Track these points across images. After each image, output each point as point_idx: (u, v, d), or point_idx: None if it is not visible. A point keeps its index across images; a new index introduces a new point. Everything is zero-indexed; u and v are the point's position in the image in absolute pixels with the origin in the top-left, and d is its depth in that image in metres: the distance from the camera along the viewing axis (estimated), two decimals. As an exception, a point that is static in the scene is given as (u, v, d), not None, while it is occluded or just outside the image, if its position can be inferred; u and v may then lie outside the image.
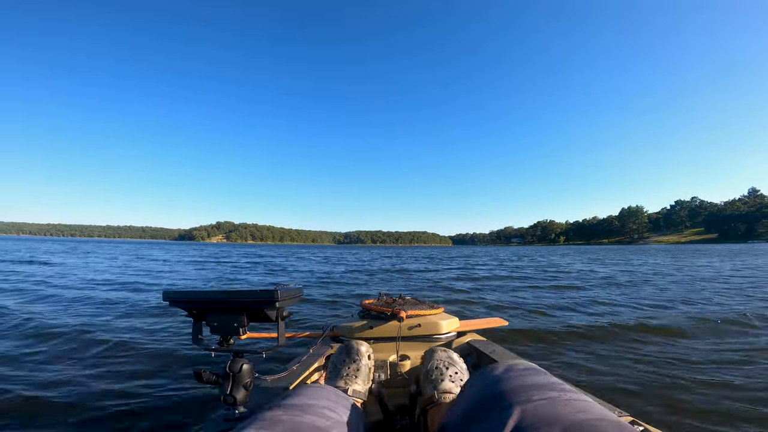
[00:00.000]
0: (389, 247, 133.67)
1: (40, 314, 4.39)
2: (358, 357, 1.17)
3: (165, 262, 15.67)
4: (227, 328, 0.99)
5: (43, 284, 7.15)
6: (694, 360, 2.78)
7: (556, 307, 5.16)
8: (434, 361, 1.09)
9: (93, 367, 2.69)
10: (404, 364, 1.53)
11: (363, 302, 1.95)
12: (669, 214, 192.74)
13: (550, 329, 3.74)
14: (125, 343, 3.27)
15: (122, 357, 2.96)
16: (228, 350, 1.01)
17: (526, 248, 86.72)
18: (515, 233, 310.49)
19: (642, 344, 3.27)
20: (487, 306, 5.49)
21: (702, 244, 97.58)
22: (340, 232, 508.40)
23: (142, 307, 4.99)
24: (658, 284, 7.73)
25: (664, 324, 3.91)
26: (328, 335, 1.81)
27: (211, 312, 1.02)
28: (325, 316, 4.68)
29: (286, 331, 1.06)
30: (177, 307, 1.04)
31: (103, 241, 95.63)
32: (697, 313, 4.46)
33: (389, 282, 9.48)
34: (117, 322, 4.16)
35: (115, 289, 6.82)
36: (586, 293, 6.63)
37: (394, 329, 1.63)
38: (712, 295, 6.01)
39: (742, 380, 2.34)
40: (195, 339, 1.07)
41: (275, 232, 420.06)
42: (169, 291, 1.03)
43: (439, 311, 1.88)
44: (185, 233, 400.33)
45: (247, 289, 0.94)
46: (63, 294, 5.97)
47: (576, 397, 0.58)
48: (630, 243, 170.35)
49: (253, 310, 0.97)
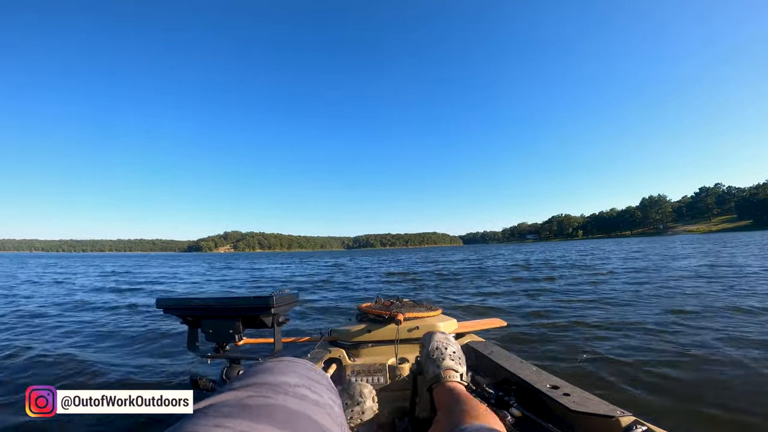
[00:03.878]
0: (398, 250, 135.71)
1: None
2: (362, 399, 1.16)
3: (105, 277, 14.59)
4: (223, 334, 1.01)
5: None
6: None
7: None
8: (434, 342, 1.12)
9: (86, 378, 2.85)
10: (403, 367, 1.53)
11: (360, 306, 1.93)
12: (694, 202, 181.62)
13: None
14: (117, 351, 3.58)
15: (115, 363, 3.07)
16: (224, 356, 1.04)
17: (545, 245, 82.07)
18: (530, 229, 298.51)
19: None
20: (485, 307, 5.56)
21: (741, 232, 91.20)
22: (349, 237, 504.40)
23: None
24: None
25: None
26: (326, 339, 1.80)
27: (206, 319, 1.04)
28: (323, 320, 4.92)
29: (282, 337, 1.07)
30: (171, 315, 1.06)
31: (106, 255, 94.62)
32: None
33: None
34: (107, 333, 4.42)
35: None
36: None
37: (392, 332, 1.63)
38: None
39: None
40: (190, 346, 1.08)
41: (283, 240, 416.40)
42: (163, 298, 1.06)
43: (437, 313, 1.86)
44: (193, 244, 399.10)
45: (243, 295, 0.97)
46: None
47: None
48: (656, 234, 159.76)
49: (248, 317, 0.99)
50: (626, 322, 4.03)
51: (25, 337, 4.31)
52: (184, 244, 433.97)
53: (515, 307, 5.33)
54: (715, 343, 3.13)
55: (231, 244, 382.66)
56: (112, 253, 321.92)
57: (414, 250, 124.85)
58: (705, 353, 2.88)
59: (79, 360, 3.29)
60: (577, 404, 1.02)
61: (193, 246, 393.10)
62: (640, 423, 0.89)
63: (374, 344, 1.67)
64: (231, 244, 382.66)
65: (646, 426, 0.88)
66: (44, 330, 4.67)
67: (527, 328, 3.92)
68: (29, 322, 5.24)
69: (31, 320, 5.33)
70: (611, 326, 3.87)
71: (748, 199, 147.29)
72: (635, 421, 0.91)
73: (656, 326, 3.78)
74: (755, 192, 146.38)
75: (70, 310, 6.36)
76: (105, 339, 4.20)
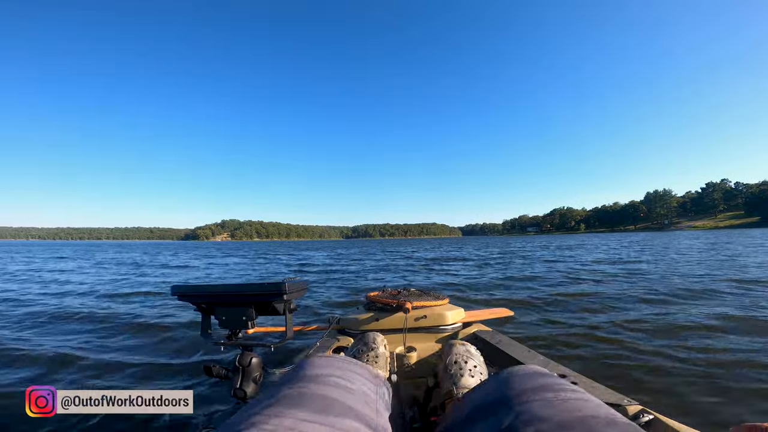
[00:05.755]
0: (396, 240, 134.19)
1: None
2: (375, 345, 1.22)
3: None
4: (236, 321, 1.02)
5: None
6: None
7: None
8: (453, 355, 1.08)
9: (100, 363, 2.76)
10: (411, 355, 1.52)
11: (368, 294, 1.94)
12: (699, 198, 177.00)
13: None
14: (133, 336, 3.52)
15: (130, 351, 3.04)
16: (237, 344, 1.04)
17: (547, 237, 79.99)
18: (530, 222, 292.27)
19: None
20: (493, 297, 5.52)
21: (749, 229, 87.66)
22: (347, 227, 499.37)
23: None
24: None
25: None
26: (335, 328, 1.81)
27: (219, 306, 1.05)
28: (331, 309, 4.78)
29: (293, 325, 1.08)
30: (186, 302, 1.09)
31: (105, 244, 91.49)
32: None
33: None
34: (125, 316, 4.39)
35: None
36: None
37: (400, 321, 1.63)
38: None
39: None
40: (204, 333, 1.11)
41: (281, 229, 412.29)
42: (178, 286, 1.08)
43: (445, 302, 1.87)
44: (190, 233, 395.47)
45: (256, 282, 0.98)
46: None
47: (574, 396, 0.60)
48: (660, 229, 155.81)
49: (261, 304, 1.00)
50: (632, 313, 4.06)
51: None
52: (181, 232, 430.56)
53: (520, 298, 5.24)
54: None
55: (228, 232, 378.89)
56: (110, 241, 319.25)
57: (416, 240, 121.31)
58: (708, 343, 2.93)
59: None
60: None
61: (190, 234, 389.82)
62: (647, 412, 0.90)
63: (382, 333, 1.56)
64: (228, 232, 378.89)
65: (653, 415, 0.88)
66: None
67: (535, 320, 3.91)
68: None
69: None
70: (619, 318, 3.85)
71: (758, 195, 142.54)
72: (642, 409, 0.91)
73: (670, 318, 3.78)
74: (765, 188, 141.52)
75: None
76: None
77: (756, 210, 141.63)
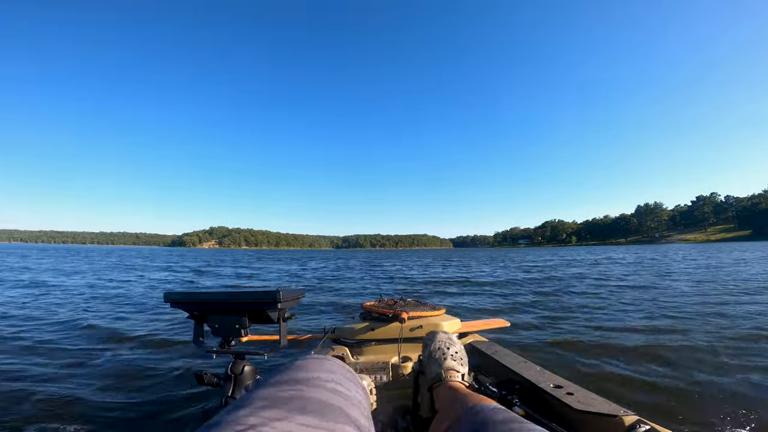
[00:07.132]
0: (389, 251, 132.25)
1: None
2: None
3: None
4: (229, 329, 1.00)
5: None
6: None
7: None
8: (436, 342, 1.12)
9: (90, 369, 2.71)
10: (406, 365, 1.52)
11: (364, 304, 1.93)
12: (690, 211, 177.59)
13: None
14: (123, 344, 3.41)
15: (120, 360, 2.95)
16: (229, 352, 1.03)
17: (538, 250, 78.19)
18: (522, 234, 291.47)
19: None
20: (489, 307, 5.61)
21: (742, 242, 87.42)
22: (338, 236, 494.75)
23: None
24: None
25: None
26: (330, 337, 1.80)
27: (212, 313, 1.02)
28: (327, 318, 4.79)
29: (287, 333, 1.07)
30: (178, 308, 1.06)
31: (97, 249, 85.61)
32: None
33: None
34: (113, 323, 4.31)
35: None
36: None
37: (395, 331, 1.63)
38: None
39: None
40: (196, 341, 1.09)
41: (271, 237, 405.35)
42: (171, 292, 1.05)
43: (441, 312, 1.85)
44: (177, 239, 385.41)
45: (249, 290, 0.97)
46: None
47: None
48: (650, 242, 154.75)
49: (254, 312, 0.98)
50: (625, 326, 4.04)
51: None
52: (168, 238, 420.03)
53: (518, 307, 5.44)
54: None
55: (216, 240, 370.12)
56: (95, 245, 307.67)
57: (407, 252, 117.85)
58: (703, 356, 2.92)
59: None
60: (581, 403, 1.03)
61: (176, 241, 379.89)
62: (644, 422, 0.90)
63: (377, 342, 1.66)
64: (216, 240, 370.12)
65: (649, 425, 0.88)
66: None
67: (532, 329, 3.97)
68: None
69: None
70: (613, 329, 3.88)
71: (749, 208, 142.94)
72: (639, 420, 0.91)
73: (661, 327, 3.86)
74: (757, 201, 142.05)
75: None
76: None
77: (747, 223, 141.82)
